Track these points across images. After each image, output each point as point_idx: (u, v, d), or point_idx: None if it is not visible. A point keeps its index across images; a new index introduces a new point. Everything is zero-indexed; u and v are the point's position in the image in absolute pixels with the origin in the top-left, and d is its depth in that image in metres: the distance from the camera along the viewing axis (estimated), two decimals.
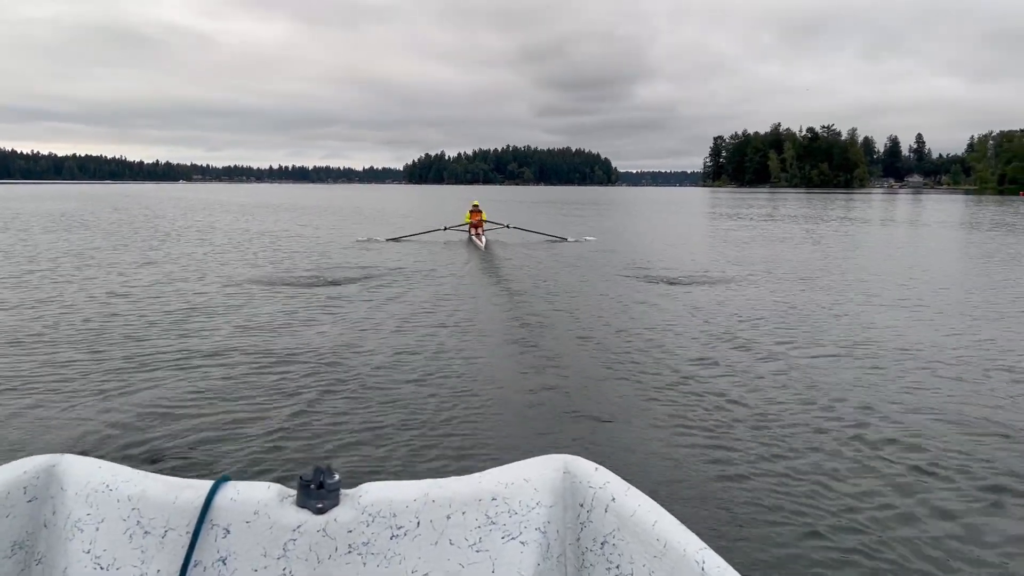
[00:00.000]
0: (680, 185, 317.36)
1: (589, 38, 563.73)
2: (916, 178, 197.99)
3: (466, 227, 19.71)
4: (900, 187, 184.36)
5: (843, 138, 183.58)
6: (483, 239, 18.10)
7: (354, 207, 42.48)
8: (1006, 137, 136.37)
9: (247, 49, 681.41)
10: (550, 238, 19.59)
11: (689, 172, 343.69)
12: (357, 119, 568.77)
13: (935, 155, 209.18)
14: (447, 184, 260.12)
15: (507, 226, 20.60)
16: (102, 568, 1.24)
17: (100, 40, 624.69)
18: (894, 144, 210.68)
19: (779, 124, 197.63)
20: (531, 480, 1.34)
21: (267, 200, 54.28)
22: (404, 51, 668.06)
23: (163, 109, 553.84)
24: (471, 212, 19.73)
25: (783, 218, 32.47)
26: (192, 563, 1.22)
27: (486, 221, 19.71)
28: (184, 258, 13.42)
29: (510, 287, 10.50)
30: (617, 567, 1.24)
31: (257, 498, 1.26)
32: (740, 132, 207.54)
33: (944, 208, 48.10)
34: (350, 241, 17.82)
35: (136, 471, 1.34)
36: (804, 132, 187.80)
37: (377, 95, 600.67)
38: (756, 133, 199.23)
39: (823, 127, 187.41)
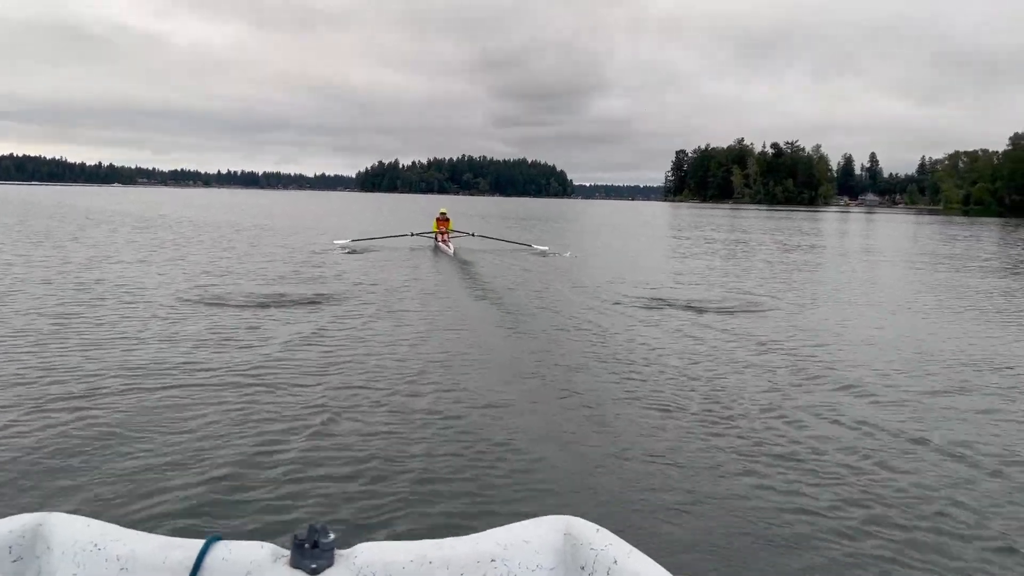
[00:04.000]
0: (633, 199, 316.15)
1: (547, 49, 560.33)
2: (871, 197, 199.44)
3: (433, 235, 20.47)
4: (856, 205, 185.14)
5: (807, 154, 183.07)
6: (451, 246, 18.89)
7: (265, 227, 29.56)
8: (970, 157, 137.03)
9: (197, 50, 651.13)
10: (518, 246, 20.79)
11: (642, 186, 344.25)
12: (309, 124, 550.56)
13: (885, 174, 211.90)
14: (400, 193, 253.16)
15: (471, 234, 21.20)
16: None
17: (45, 37, 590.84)
18: (847, 162, 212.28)
19: (742, 139, 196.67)
20: (531, 542, 1.30)
21: (175, 212, 42.58)
22: (359, 57, 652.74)
23: (108, 110, 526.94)
24: (438, 220, 20.50)
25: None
26: None
27: (452, 231, 20.47)
28: None
29: (495, 305, 10.39)
30: None
31: (249, 558, 1.21)
32: (703, 146, 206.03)
33: (952, 235, 44.27)
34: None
35: (125, 530, 1.29)
36: (767, 148, 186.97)
37: (330, 100, 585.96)
38: (718, 148, 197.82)
39: (787, 143, 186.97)
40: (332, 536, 1.22)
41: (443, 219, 20.58)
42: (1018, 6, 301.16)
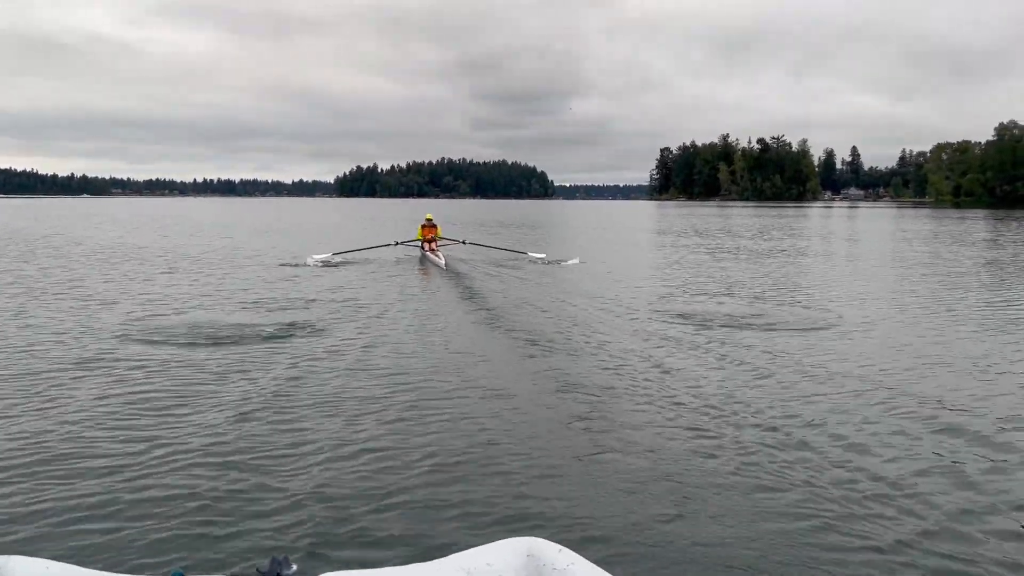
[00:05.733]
0: (613, 198, 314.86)
1: (525, 53, 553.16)
2: (855, 191, 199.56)
3: (418, 243, 18.85)
4: (840, 200, 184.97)
5: (794, 149, 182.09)
6: (441, 256, 17.11)
7: (186, 254, 20.30)
8: (957, 149, 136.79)
9: (172, 59, 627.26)
10: (511, 253, 18.93)
11: (622, 186, 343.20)
12: (287, 131, 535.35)
13: (866, 168, 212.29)
14: (380, 198, 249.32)
15: (463, 242, 19.90)
16: None
17: (14, 48, 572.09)
18: (829, 157, 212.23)
19: (727, 135, 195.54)
20: (494, 564, 1.28)
21: (84, 231, 33.54)
22: (337, 63, 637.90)
23: (82, 120, 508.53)
24: (424, 227, 18.78)
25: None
26: None
27: (441, 238, 18.80)
28: None
29: (482, 321, 9.98)
30: None
31: None
32: (688, 143, 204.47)
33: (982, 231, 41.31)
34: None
35: (85, 570, 1.26)
36: (753, 144, 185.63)
37: (308, 107, 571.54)
38: (704, 144, 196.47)
39: (773, 138, 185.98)
40: (294, 567, 1.19)
41: (429, 226, 18.69)
42: (986, 3, 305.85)
